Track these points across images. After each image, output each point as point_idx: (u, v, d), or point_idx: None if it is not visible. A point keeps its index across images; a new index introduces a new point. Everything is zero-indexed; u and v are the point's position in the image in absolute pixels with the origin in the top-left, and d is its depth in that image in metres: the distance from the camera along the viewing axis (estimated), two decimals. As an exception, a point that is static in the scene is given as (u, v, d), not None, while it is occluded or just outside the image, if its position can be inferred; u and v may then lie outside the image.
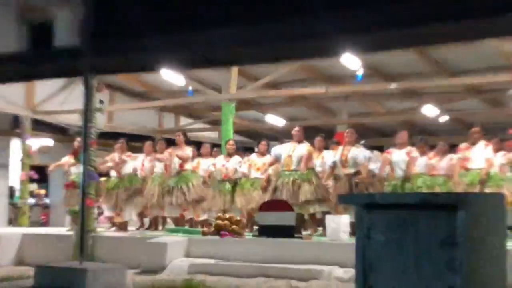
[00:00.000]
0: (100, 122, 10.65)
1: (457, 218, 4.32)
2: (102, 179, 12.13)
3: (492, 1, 6.69)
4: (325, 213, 10.39)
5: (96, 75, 9.48)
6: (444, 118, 16.96)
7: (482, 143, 10.14)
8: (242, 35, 8.45)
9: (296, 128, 10.91)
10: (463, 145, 10.33)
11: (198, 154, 12.69)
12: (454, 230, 4.34)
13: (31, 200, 18.30)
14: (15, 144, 17.52)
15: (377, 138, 18.40)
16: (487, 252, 4.38)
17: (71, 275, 6.39)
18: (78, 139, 11.97)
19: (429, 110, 16.47)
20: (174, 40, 8.45)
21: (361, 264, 5.20)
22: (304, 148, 10.57)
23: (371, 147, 11.78)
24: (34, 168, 16.78)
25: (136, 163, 12.21)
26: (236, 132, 19.04)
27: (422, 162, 10.62)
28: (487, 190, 9.60)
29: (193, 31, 8.35)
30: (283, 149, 10.77)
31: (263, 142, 11.81)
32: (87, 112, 6.82)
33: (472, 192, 9.07)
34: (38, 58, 9.68)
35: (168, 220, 12.45)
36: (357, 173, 10.25)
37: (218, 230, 9.85)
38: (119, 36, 8.80)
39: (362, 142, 11.14)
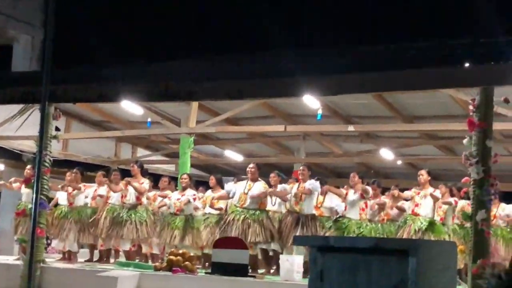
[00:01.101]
0: None
1: (408, 264, 4.36)
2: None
3: (450, 52, 6.84)
4: (277, 252, 10.39)
5: (54, 103, 9.37)
6: (399, 162, 17.17)
7: (430, 189, 10.28)
8: (203, 70, 8.46)
9: (251, 165, 10.89)
10: (413, 190, 10.48)
11: (155, 186, 12.60)
12: (406, 275, 4.37)
13: (-21, 226, 17.90)
14: (-33, 169, 17.16)
15: (333, 178, 18.50)
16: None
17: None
18: (29, 166, 11.80)
19: (385, 154, 16.67)
20: (134, 71, 8.44)
21: (312, 307, 5.19)
22: (260, 186, 10.57)
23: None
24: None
25: (88, 193, 12.08)
26: (194, 165, 18.99)
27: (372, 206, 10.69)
28: (432, 238, 9.72)
29: (153, 64, 8.35)
30: (237, 187, 10.77)
31: (211, 177, 11.80)
32: (42, 140, 6.69)
33: (424, 239, 9.15)
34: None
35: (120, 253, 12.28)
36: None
37: (171, 266, 9.74)
38: (79, 64, 8.76)
39: (316, 177, 11.14)
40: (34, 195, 6.61)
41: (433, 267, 4.46)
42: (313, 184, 10.33)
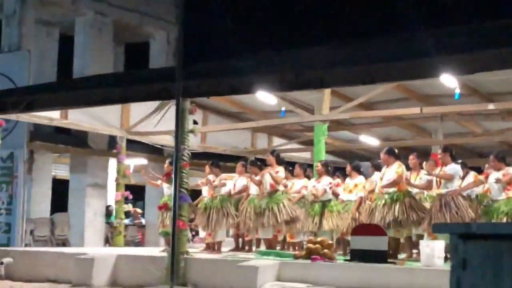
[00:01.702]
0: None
1: (557, 251, 4.07)
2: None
3: None
4: (421, 236, 10.15)
5: (188, 98, 9.56)
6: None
7: None
8: (334, 56, 8.34)
9: (382, 152, 10.76)
10: None
11: (292, 174, 12.67)
12: (555, 262, 4.09)
13: (127, 220, 18.74)
14: (112, 164, 17.96)
15: (474, 159, 17.83)
16: None
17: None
18: (168, 161, 12.14)
19: (529, 131, 15.87)
20: (265, 62, 8.46)
21: (456, 296, 4.99)
22: (393, 170, 10.38)
23: (469, 168, 11.40)
24: (130, 187, 17.16)
25: (230, 184, 12.33)
26: (330, 152, 18.86)
27: None
28: None
29: (283, 53, 8.32)
30: (379, 175, 10.76)
31: (348, 165, 11.74)
32: (179, 135, 6.82)
33: None
34: (132, 81, 9.90)
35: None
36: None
37: (310, 254, 9.75)
38: (211, 59, 8.88)
39: (460, 161, 10.77)
40: (173, 189, 6.77)
41: None
42: (454, 168, 9.99)
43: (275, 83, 8.12)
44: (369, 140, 18.49)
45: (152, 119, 13.49)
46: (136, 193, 19.15)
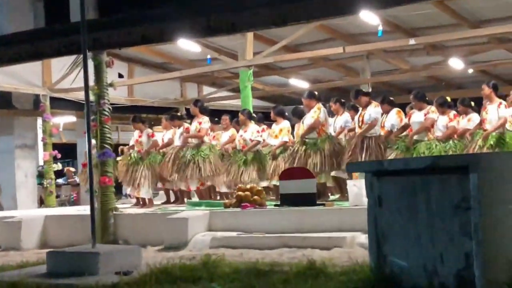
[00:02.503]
0: None
1: (469, 181, 4.05)
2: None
3: None
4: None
5: (100, 50, 9.24)
6: (471, 71, 16.50)
7: (496, 102, 9.61)
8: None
9: (303, 98, 10.74)
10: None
11: (218, 124, 12.54)
12: (467, 193, 4.08)
13: (61, 179, 18.39)
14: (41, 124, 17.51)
15: (403, 95, 17.99)
16: (505, 216, 4.07)
17: (83, 259, 6.29)
18: (92, 117, 11.83)
19: (455, 63, 16.03)
20: (174, 9, 8.23)
21: (373, 234, 4.99)
22: (310, 116, 10.34)
23: (398, 105, 11.44)
24: (61, 146, 16.76)
25: (159, 138, 12.15)
26: (260, 98, 18.79)
27: (441, 122, 10.13)
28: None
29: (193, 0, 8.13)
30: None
31: (271, 110, 11.68)
32: (88, 89, 6.59)
33: (486, 152, 8.60)
34: (42, 36, 9.56)
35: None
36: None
37: (240, 202, 9.69)
38: (121, 9, 8.65)
39: (381, 99, 10.82)
40: (87, 146, 6.57)
41: (498, 182, 4.05)
42: (370, 118, 9.96)
43: (186, 29, 7.93)
44: (299, 83, 18.47)
45: (74, 75, 13.12)
46: (68, 151, 18.76)
